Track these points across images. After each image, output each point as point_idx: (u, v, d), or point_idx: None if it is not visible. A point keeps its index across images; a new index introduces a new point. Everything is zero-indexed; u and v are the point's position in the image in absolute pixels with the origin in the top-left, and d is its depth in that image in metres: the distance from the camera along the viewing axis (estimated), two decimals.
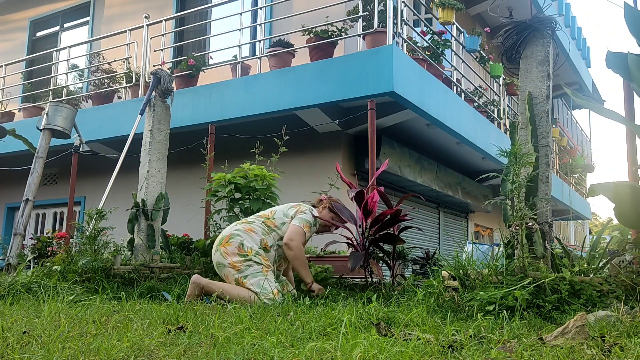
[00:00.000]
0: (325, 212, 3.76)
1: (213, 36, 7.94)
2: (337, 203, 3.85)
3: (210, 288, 3.28)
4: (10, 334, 1.84)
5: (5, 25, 11.62)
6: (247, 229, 3.47)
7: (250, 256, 3.35)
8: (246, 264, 3.32)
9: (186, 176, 6.92)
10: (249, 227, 3.48)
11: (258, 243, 3.42)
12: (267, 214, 3.62)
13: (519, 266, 2.75)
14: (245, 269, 3.31)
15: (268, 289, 3.25)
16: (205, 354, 1.65)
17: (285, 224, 3.53)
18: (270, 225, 3.53)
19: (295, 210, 3.61)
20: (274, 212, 3.62)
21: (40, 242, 5.96)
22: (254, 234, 3.45)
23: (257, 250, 3.38)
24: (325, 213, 3.76)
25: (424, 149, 7.75)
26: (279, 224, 3.53)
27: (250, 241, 3.40)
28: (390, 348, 1.66)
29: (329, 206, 3.79)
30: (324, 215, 3.74)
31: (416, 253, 4.58)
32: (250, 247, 3.37)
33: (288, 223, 3.52)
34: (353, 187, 3.84)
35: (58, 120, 4.67)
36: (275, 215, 3.57)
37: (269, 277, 3.32)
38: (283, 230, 3.51)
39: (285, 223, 3.53)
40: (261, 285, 3.25)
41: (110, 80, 8.11)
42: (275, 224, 3.53)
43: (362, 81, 5.64)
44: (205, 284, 3.30)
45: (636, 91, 3.04)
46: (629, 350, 1.69)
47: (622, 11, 2.85)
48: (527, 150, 3.11)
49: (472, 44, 7.71)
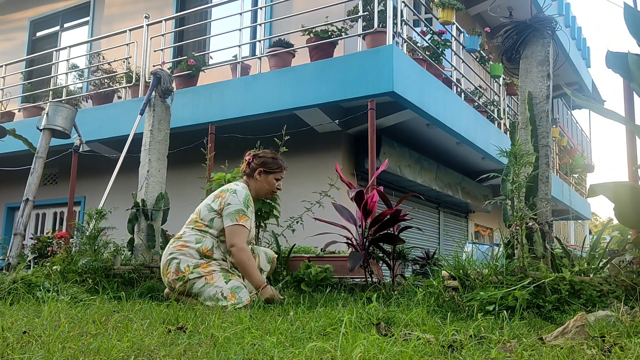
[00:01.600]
0: (261, 178, 3.41)
1: (213, 36, 7.94)
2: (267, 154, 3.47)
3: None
4: (10, 334, 1.84)
5: (5, 25, 11.62)
6: (179, 247, 3.22)
7: (187, 275, 3.13)
8: (189, 285, 3.13)
9: (186, 176, 6.92)
10: (180, 243, 3.24)
11: (195, 255, 3.19)
12: (194, 217, 3.34)
13: (519, 266, 2.75)
14: (190, 289, 3.13)
15: (218, 294, 3.06)
16: (205, 354, 1.65)
17: (214, 219, 3.25)
18: (201, 227, 3.27)
19: (219, 200, 3.26)
20: (199, 211, 3.34)
21: (40, 242, 5.96)
22: (187, 248, 3.21)
23: (195, 263, 3.16)
24: (261, 179, 3.41)
25: (424, 149, 7.75)
26: (208, 221, 3.26)
27: (185, 260, 3.17)
28: (390, 348, 1.66)
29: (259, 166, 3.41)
30: (260, 183, 3.42)
31: (416, 253, 4.58)
32: (187, 266, 3.15)
33: (218, 217, 3.24)
34: (352, 187, 3.83)
35: (58, 120, 4.67)
36: (201, 215, 3.30)
37: (215, 282, 3.11)
38: (216, 227, 3.24)
39: (214, 218, 3.25)
40: (211, 296, 3.07)
41: (110, 80, 8.11)
42: (204, 224, 3.26)
43: (362, 81, 5.64)
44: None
45: (636, 91, 3.03)
46: (629, 350, 1.69)
47: (622, 11, 2.85)
48: (527, 150, 3.11)
49: (472, 44, 7.72)
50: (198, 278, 3.12)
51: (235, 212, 3.20)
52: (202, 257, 3.20)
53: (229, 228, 3.18)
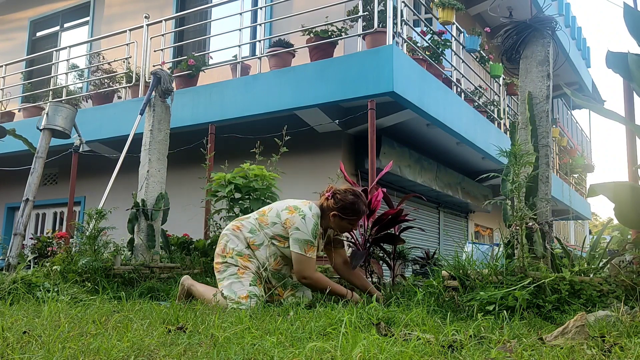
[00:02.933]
0: (333, 220, 3.15)
1: (213, 36, 7.94)
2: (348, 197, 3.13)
3: (192, 290, 3.24)
4: (10, 334, 1.84)
5: (5, 25, 11.62)
6: (235, 227, 3.22)
7: (228, 258, 3.14)
8: (224, 266, 3.14)
9: (186, 176, 6.92)
10: (237, 224, 3.24)
11: (243, 242, 3.17)
12: (264, 210, 3.29)
13: (519, 266, 2.75)
14: (223, 271, 3.14)
15: (237, 293, 3.03)
16: (205, 354, 1.65)
17: (276, 224, 3.14)
18: (262, 222, 3.19)
19: (287, 217, 3.11)
20: (271, 209, 3.25)
21: (40, 242, 5.96)
22: (240, 232, 3.19)
23: (238, 251, 3.14)
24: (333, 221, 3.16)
25: (424, 149, 7.75)
26: (270, 222, 3.17)
27: (234, 241, 3.17)
28: (390, 348, 1.66)
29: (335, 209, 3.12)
30: (336, 224, 3.18)
31: (416, 253, 4.58)
32: (232, 248, 3.15)
33: (280, 225, 3.13)
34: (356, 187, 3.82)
35: (58, 120, 4.67)
36: (269, 213, 3.21)
37: (242, 279, 3.08)
38: (273, 231, 3.14)
39: (277, 224, 3.14)
40: (231, 289, 3.05)
41: (110, 80, 8.11)
42: (267, 221, 3.18)
43: (362, 81, 5.64)
44: (189, 286, 3.26)
45: (636, 91, 3.03)
46: (629, 350, 1.69)
47: (622, 11, 2.85)
48: (527, 150, 3.11)
49: (472, 44, 7.72)
50: (234, 265, 3.12)
51: (304, 242, 3.05)
52: (247, 247, 3.17)
53: (297, 256, 3.06)
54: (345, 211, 3.13)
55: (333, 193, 3.15)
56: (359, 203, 3.15)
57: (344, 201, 3.12)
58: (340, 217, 3.13)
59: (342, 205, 3.11)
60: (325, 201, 3.18)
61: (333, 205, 3.13)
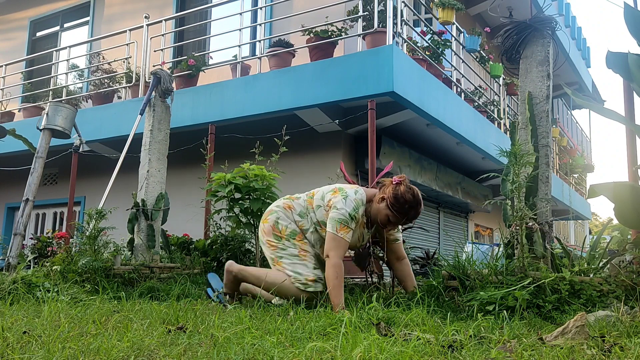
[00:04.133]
0: (381, 206, 3.00)
1: (213, 36, 7.94)
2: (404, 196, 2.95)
3: (243, 275, 3.19)
4: (10, 334, 1.84)
5: (5, 25, 11.62)
6: (286, 206, 3.18)
7: (284, 237, 3.09)
8: (282, 245, 3.08)
9: (186, 176, 6.92)
10: (289, 203, 3.19)
11: (294, 222, 3.14)
12: (313, 192, 3.22)
13: (519, 266, 2.75)
14: (280, 249, 3.08)
15: (302, 274, 2.99)
16: (205, 354, 1.65)
17: (320, 207, 3.09)
18: (310, 205, 3.15)
19: (330, 197, 3.04)
20: (319, 191, 3.19)
21: (40, 242, 5.96)
22: (290, 212, 3.16)
23: (292, 230, 3.11)
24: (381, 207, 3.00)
25: (424, 149, 7.75)
26: (316, 205, 3.12)
27: (285, 219, 3.13)
28: (390, 348, 1.66)
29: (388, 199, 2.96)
30: (377, 209, 3.03)
31: (416, 253, 4.58)
32: (285, 226, 3.11)
33: (323, 208, 3.07)
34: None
35: (58, 120, 4.66)
36: (316, 196, 3.15)
37: (306, 261, 3.04)
38: (318, 215, 3.09)
39: (321, 207, 3.08)
40: (296, 270, 3.01)
41: (110, 80, 8.11)
42: (313, 204, 3.13)
43: (362, 81, 5.64)
44: (237, 271, 3.21)
45: (636, 91, 3.03)
46: (629, 350, 1.69)
47: (622, 11, 2.85)
48: (527, 150, 3.12)
49: (472, 44, 7.71)
50: (293, 247, 3.07)
51: (338, 221, 2.93)
52: (298, 228, 3.16)
53: (329, 234, 2.96)
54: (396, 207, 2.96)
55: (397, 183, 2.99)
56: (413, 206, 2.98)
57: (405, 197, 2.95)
58: (389, 207, 2.97)
59: (400, 200, 2.95)
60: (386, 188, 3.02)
61: (388, 197, 2.97)
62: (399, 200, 2.95)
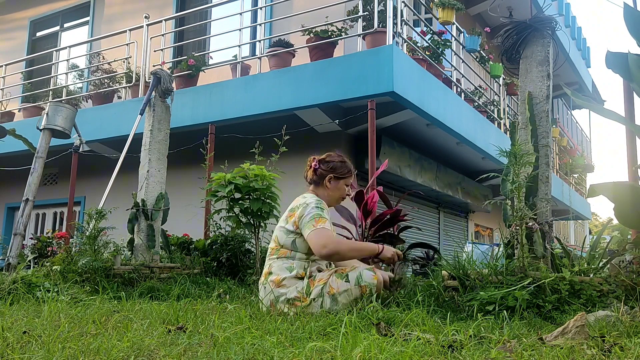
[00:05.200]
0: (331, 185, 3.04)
1: (213, 36, 7.94)
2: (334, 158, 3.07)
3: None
4: (10, 334, 1.84)
5: (5, 25, 11.62)
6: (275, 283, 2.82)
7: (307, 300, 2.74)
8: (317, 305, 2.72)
9: (186, 176, 6.92)
10: (273, 279, 2.84)
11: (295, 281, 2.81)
12: (274, 246, 2.95)
13: (519, 266, 2.75)
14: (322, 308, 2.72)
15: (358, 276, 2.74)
16: (205, 354, 1.65)
17: (295, 240, 2.87)
18: (286, 254, 2.87)
19: (292, 220, 2.88)
20: (277, 238, 2.94)
21: (40, 242, 5.96)
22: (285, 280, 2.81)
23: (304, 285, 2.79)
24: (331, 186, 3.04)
25: (424, 149, 7.75)
26: (290, 245, 2.88)
27: (291, 291, 2.79)
28: (390, 348, 1.66)
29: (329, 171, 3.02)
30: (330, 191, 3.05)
31: (416, 253, 4.58)
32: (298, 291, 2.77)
33: (299, 237, 2.86)
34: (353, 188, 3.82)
35: (58, 120, 4.66)
36: (280, 241, 2.91)
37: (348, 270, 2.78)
38: (301, 249, 2.86)
39: (295, 240, 2.87)
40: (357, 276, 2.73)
41: (110, 80, 8.11)
42: (288, 249, 2.88)
43: (362, 81, 5.64)
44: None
45: (636, 91, 3.03)
46: (629, 350, 1.69)
47: (622, 11, 2.85)
48: (527, 150, 3.12)
49: (472, 44, 7.72)
50: (319, 297, 2.74)
51: (311, 217, 2.80)
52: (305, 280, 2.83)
53: (310, 235, 2.76)
54: (340, 170, 3.07)
55: (319, 160, 3.09)
56: (345, 160, 3.12)
57: (334, 161, 3.09)
58: (337, 177, 3.05)
59: (334, 165, 3.07)
60: (313, 174, 3.07)
61: (326, 170, 3.06)
62: (339, 166, 3.08)
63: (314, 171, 3.08)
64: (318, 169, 3.08)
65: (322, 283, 2.75)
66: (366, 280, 2.72)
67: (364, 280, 2.72)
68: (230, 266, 4.53)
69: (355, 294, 2.70)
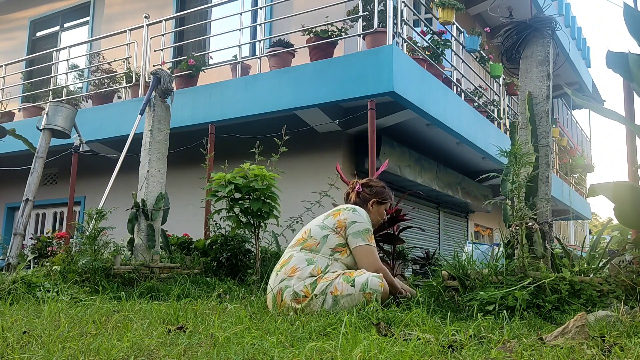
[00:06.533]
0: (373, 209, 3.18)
1: (213, 36, 7.94)
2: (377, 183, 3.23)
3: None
4: (10, 334, 1.84)
5: (5, 25, 11.62)
6: (290, 271, 2.84)
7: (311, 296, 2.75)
8: (318, 302, 2.74)
9: (186, 176, 6.92)
10: (290, 267, 2.86)
11: (308, 277, 2.81)
12: (302, 237, 2.99)
13: (519, 266, 2.75)
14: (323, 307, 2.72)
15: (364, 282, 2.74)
16: (205, 354, 1.65)
17: (328, 236, 2.91)
18: (312, 246, 2.91)
19: (335, 219, 2.95)
20: (309, 230, 2.99)
21: (40, 242, 5.96)
22: (299, 271, 2.83)
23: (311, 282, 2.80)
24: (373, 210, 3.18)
25: (424, 149, 7.75)
26: (320, 238, 2.91)
27: (299, 283, 2.80)
28: (390, 348, 1.66)
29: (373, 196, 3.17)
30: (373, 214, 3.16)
31: (416, 253, 4.59)
32: (304, 287, 2.78)
33: (334, 233, 2.92)
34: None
35: (58, 120, 4.67)
36: (311, 233, 2.95)
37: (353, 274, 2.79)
38: (329, 244, 2.90)
39: (329, 235, 2.91)
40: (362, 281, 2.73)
41: (110, 80, 8.11)
42: (316, 241, 2.92)
43: (362, 81, 5.64)
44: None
45: (636, 91, 3.03)
46: (629, 350, 1.69)
47: (622, 11, 2.85)
48: (527, 150, 3.12)
49: (472, 44, 7.71)
50: (322, 294, 2.74)
51: (365, 230, 2.92)
52: (318, 277, 2.83)
53: (362, 248, 2.88)
54: (382, 195, 3.24)
55: (362, 184, 3.24)
56: (385, 186, 3.28)
57: (377, 186, 3.25)
58: (379, 202, 3.22)
59: (377, 190, 3.24)
60: (355, 196, 3.21)
61: (369, 194, 3.21)
62: (381, 191, 3.24)
63: (357, 194, 3.22)
64: (361, 192, 3.23)
65: (328, 281, 2.77)
66: (372, 287, 2.72)
67: (370, 287, 2.72)
68: (230, 266, 4.53)
69: (358, 300, 2.71)
